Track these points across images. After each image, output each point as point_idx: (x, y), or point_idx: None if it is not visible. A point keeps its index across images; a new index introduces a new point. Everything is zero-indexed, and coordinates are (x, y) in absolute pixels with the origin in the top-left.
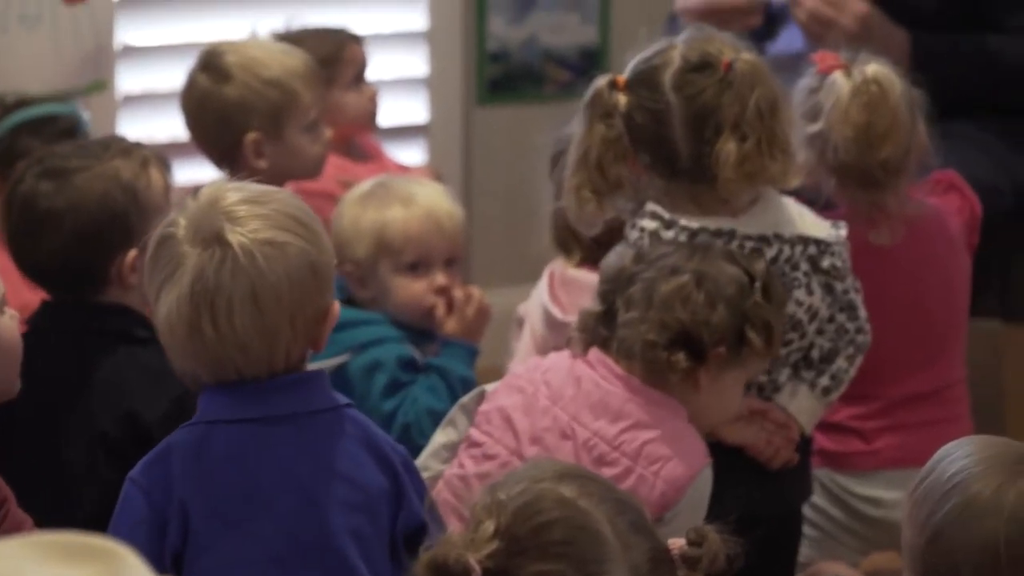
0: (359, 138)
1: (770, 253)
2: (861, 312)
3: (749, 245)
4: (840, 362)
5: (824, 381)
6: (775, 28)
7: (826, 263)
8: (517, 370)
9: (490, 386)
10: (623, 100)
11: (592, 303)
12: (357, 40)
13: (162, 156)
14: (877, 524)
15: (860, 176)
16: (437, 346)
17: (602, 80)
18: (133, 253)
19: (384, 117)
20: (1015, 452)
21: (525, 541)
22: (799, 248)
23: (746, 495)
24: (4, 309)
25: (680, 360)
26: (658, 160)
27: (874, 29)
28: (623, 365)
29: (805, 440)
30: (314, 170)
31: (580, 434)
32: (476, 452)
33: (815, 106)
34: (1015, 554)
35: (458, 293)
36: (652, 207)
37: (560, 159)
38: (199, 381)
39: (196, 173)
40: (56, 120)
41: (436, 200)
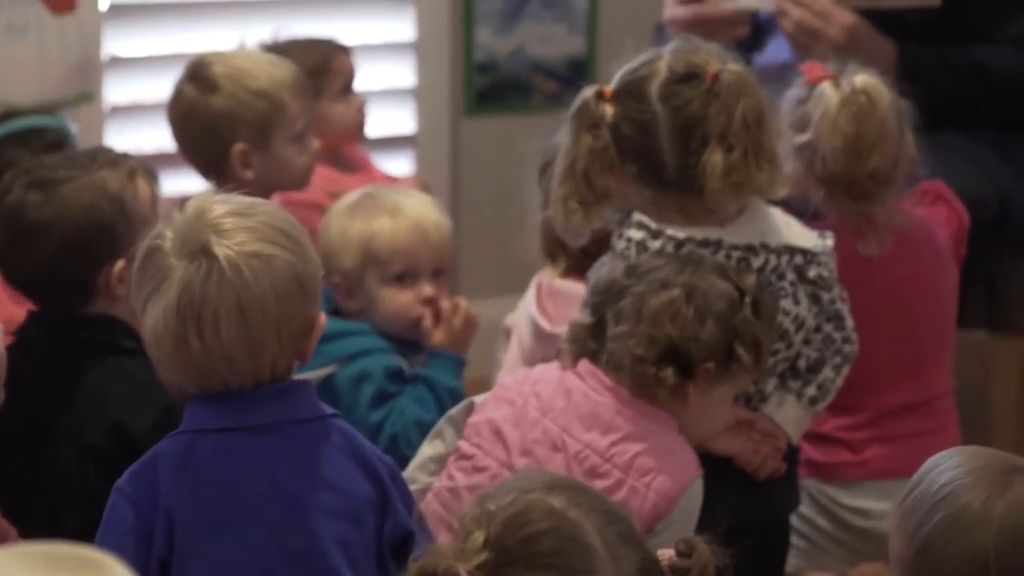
0: (347, 149)
1: (757, 263)
2: (848, 322)
3: (736, 255)
4: (827, 372)
5: (811, 391)
6: (762, 39)
7: (812, 273)
8: (506, 382)
9: (478, 398)
10: (610, 111)
11: (582, 314)
12: (345, 51)
13: (149, 167)
14: (865, 535)
15: (848, 186)
16: (424, 357)
17: (589, 91)
18: (120, 264)
19: (372, 128)
20: (1003, 463)
21: (514, 552)
22: (785, 258)
23: (735, 505)
24: None
25: (668, 376)
26: (645, 170)
27: (861, 40)
28: (613, 377)
29: (792, 450)
30: (301, 181)
31: (571, 446)
32: (466, 464)
33: (803, 116)
34: (1004, 566)
35: (445, 304)
36: (639, 217)
37: (548, 169)
38: (186, 392)
39: (183, 184)
40: (43, 132)
41: (423, 211)
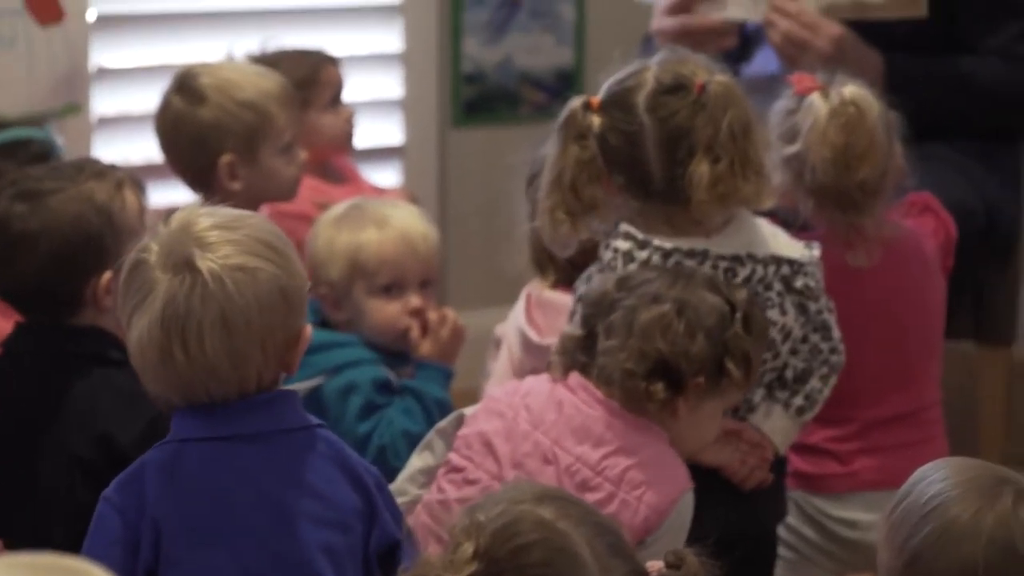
0: (335, 160)
1: (743, 273)
2: (835, 332)
3: (723, 265)
4: (814, 382)
5: (798, 401)
6: (750, 50)
7: (799, 283)
8: (496, 394)
9: (468, 410)
10: (597, 121)
11: (571, 327)
12: (334, 62)
13: (136, 178)
14: (853, 546)
15: (837, 197)
16: (412, 368)
17: (576, 101)
18: (108, 275)
19: (359, 139)
20: (992, 475)
21: (504, 563)
22: (772, 268)
23: (723, 517)
24: None
25: (659, 390)
26: (632, 181)
27: (848, 51)
28: (603, 391)
29: (780, 460)
30: (289, 192)
31: (562, 459)
32: (456, 477)
33: (792, 127)
34: None
35: (432, 315)
36: (626, 227)
37: (535, 180)
38: (172, 403)
39: (171, 195)
40: (29, 144)
41: (410, 222)
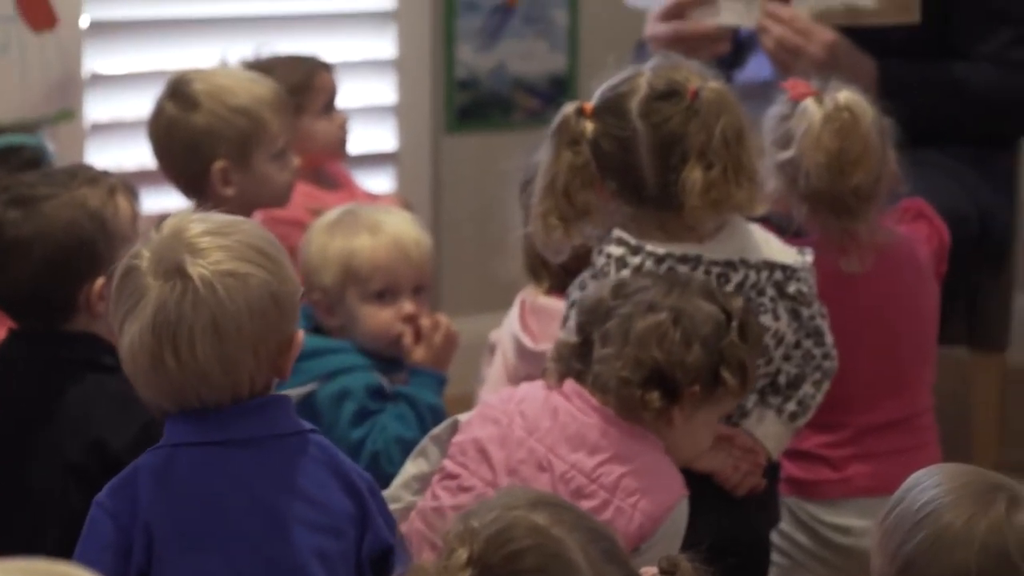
0: (328, 166)
1: (736, 278)
2: (827, 338)
3: (715, 271)
4: (807, 388)
5: (791, 407)
6: (743, 56)
7: (792, 289)
8: (491, 400)
9: (463, 416)
10: (590, 127)
11: (566, 333)
12: (327, 68)
13: (129, 184)
14: (846, 552)
15: (831, 203)
16: (405, 374)
17: (569, 107)
18: (101, 281)
19: (353, 145)
20: (985, 481)
21: (498, 569)
22: (765, 273)
23: (716, 523)
24: None
25: (654, 399)
26: (625, 187)
27: (841, 57)
28: (599, 398)
29: (773, 466)
30: (282, 198)
31: (557, 466)
32: (451, 484)
33: (787, 133)
34: None
35: (425, 321)
36: (619, 233)
37: (529, 186)
38: (164, 409)
39: (164, 201)
40: (20, 150)
41: (403, 228)
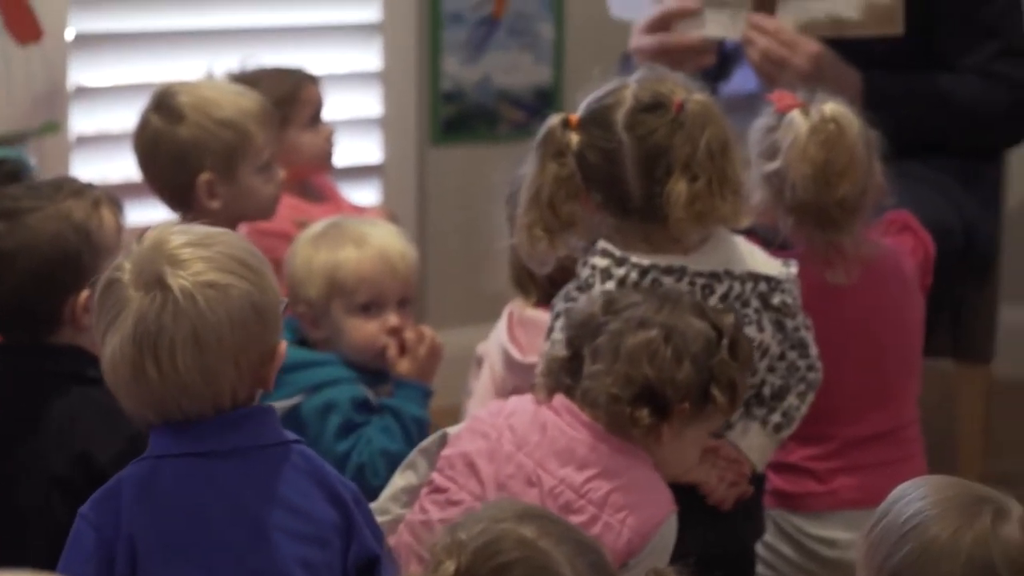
0: (314, 178)
1: (721, 289)
2: (812, 350)
3: (700, 282)
4: (791, 399)
5: (775, 418)
6: (728, 68)
7: (776, 300)
8: (480, 414)
9: (452, 429)
10: (575, 139)
11: (551, 346)
12: (313, 80)
13: (114, 196)
14: (832, 565)
15: (817, 215)
16: (391, 386)
17: (555, 119)
18: (86, 294)
19: (338, 157)
20: (971, 494)
21: None
22: (750, 285)
23: (702, 536)
24: None
25: (643, 416)
26: (610, 199)
27: (826, 69)
28: (588, 413)
29: (758, 478)
30: (267, 211)
31: (546, 481)
32: (439, 498)
33: (773, 145)
34: None
35: (409, 334)
36: (603, 245)
37: (515, 199)
38: (148, 421)
39: (150, 214)
40: (2, 164)
41: (389, 240)
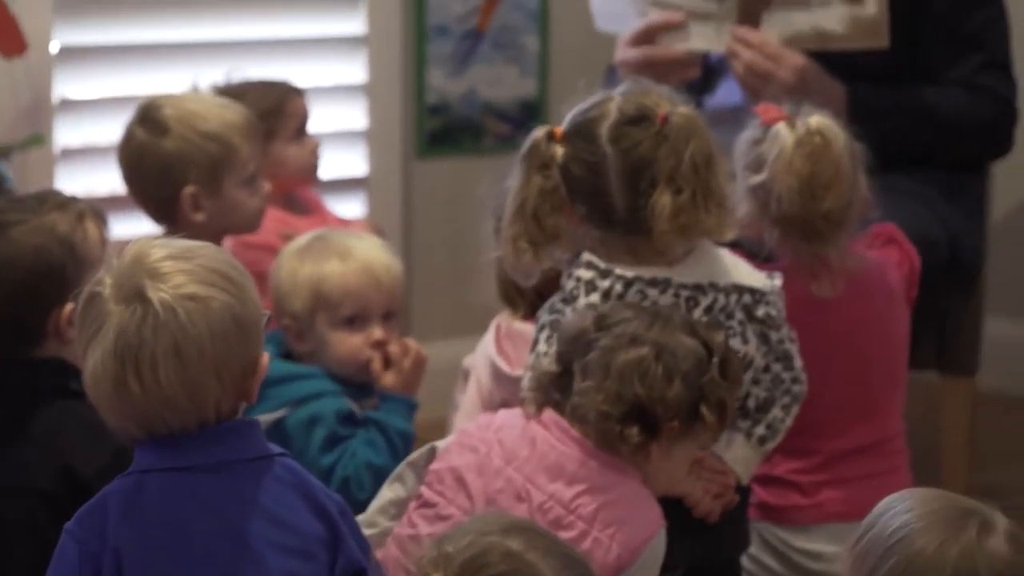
0: (299, 191)
1: (705, 302)
2: (796, 362)
3: (684, 294)
4: (776, 411)
5: (760, 430)
6: (713, 81)
7: (761, 312)
8: (468, 428)
9: (440, 443)
10: (560, 151)
11: (536, 358)
12: (299, 93)
13: (97, 209)
14: None
15: (803, 227)
16: (376, 400)
17: (539, 131)
18: (70, 307)
19: (323, 170)
20: (956, 507)
21: None
22: (734, 297)
23: (689, 550)
24: None
25: (633, 434)
26: (594, 211)
27: (811, 82)
28: (577, 428)
29: (743, 490)
30: (252, 224)
31: (535, 497)
32: (428, 512)
33: (758, 157)
34: None
35: (394, 347)
36: (588, 257)
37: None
38: (132, 435)
39: (134, 227)
40: None
41: (374, 254)
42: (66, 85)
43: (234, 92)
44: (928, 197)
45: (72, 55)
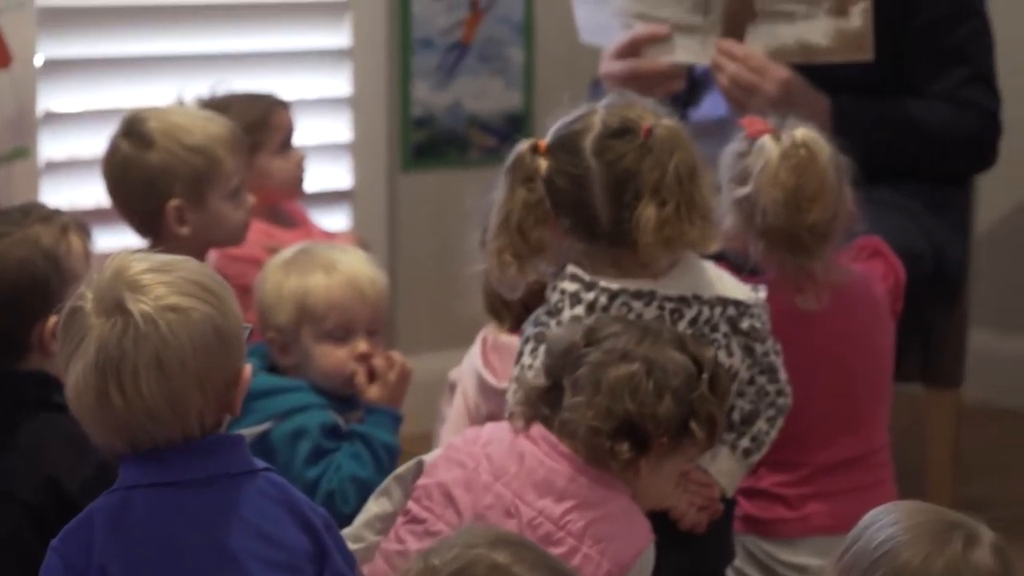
0: (285, 204)
1: (690, 314)
2: (781, 374)
3: (669, 306)
4: (761, 424)
5: (745, 443)
6: (698, 94)
7: (745, 324)
8: (455, 442)
9: (428, 457)
10: (544, 164)
11: (532, 374)
12: (284, 105)
13: (82, 222)
14: None
15: (788, 240)
16: (361, 413)
17: (524, 144)
18: (54, 320)
19: (308, 183)
20: (942, 519)
21: None
22: (718, 309)
23: (676, 561)
24: None
25: (623, 450)
26: (579, 224)
27: (796, 94)
28: (566, 443)
29: (727, 502)
30: (237, 237)
31: (525, 513)
32: (417, 528)
33: (744, 170)
34: None
35: (379, 360)
36: (572, 269)
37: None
38: (116, 450)
39: (119, 240)
40: None
41: (358, 267)
42: (51, 98)
43: (219, 105)
44: (912, 210)
45: (57, 68)
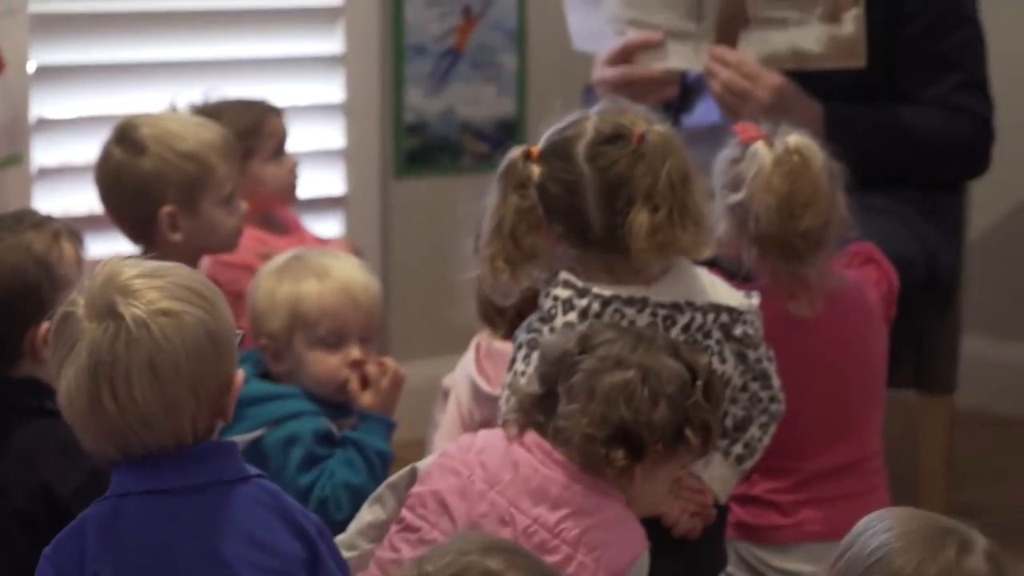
0: (278, 210)
1: (682, 320)
2: (774, 381)
3: (662, 313)
4: (754, 430)
5: (738, 449)
6: (691, 100)
7: (738, 331)
8: (449, 450)
9: (421, 464)
10: (537, 171)
11: (525, 381)
12: (278, 112)
13: (74, 229)
14: None
15: (781, 246)
16: (354, 419)
17: (516, 151)
18: (46, 326)
19: (301, 189)
20: (935, 525)
21: None
22: (711, 316)
23: (669, 568)
24: None
25: (618, 457)
26: (571, 230)
27: (788, 101)
28: (560, 451)
29: (720, 509)
30: (230, 243)
31: (519, 521)
32: (412, 537)
33: (737, 176)
34: None
35: (372, 367)
36: (565, 276)
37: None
38: (109, 457)
39: (111, 247)
40: None
41: (351, 273)
42: (43, 104)
43: (212, 111)
44: (905, 216)
45: (49, 74)
